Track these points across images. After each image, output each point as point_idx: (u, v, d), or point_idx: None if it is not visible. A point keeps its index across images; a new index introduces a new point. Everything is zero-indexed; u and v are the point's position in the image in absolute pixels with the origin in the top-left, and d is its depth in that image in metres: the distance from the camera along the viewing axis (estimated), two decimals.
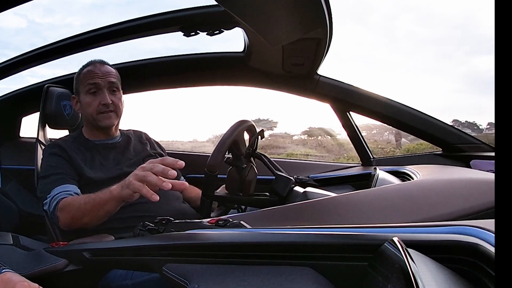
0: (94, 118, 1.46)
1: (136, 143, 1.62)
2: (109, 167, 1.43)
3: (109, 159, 1.47)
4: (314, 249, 0.63)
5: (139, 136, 1.67)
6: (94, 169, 1.40)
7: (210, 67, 2.04)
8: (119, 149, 1.53)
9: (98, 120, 1.46)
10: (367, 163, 2.01)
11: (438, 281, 0.42)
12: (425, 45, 8.35)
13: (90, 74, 1.45)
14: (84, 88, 1.46)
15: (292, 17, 1.14)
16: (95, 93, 1.45)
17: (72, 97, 1.53)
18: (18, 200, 2.18)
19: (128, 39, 1.78)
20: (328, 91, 1.91)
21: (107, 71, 1.48)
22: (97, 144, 1.50)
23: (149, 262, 0.79)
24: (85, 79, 1.45)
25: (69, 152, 1.40)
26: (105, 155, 1.48)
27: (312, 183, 1.48)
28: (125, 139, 1.59)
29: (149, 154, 1.57)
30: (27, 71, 2.03)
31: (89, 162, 1.42)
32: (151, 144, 1.68)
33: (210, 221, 0.83)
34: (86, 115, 1.50)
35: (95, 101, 1.44)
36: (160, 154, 1.65)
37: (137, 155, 1.54)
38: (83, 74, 1.48)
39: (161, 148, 1.71)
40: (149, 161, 1.02)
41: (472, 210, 0.90)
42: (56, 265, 1.03)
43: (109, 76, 1.48)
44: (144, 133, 1.72)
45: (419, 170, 1.31)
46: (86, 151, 1.45)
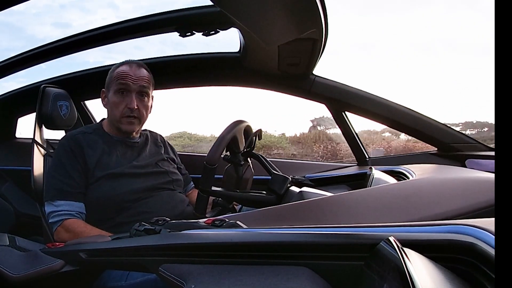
0: (117, 119, 1.47)
1: (152, 145, 1.63)
2: (123, 164, 1.44)
3: (126, 156, 1.49)
4: (310, 248, 0.63)
5: (155, 138, 1.69)
6: (109, 164, 1.41)
7: (206, 68, 2.04)
8: (136, 149, 1.55)
9: (120, 123, 1.48)
10: (363, 163, 2.02)
11: (434, 280, 0.42)
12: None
13: (122, 74, 1.45)
14: (114, 86, 1.46)
15: (288, 18, 1.14)
16: (123, 94, 1.45)
17: (102, 91, 1.53)
18: (14, 201, 2.17)
19: (124, 39, 1.77)
20: (324, 91, 1.91)
21: (140, 75, 1.47)
22: (116, 140, 1.51)
23: (145, 263, 0.79)
24: (117, 78, 1.45)
25: (85, 148, 1.41)
26: (122, 151, 1.49)
27: (308, 183, 1.48)
28: (143, 140, 1.60)
29: (163, 158, 1.59)
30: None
31: (106, 156, 1.43)
32: (165, 147, 1.70)
33: (206, 221, 0.83)
34: (109, 113, 1.51)
35: (121, 103, 1.45)
36: (173, 159, 1.68)
37: (151, 157, 1.55)
38: (116, 72, 1.47)
39: (174, 153, 1.73)
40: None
41: (468, 209, 0.90)
42: (52, 266, 1.03)
43: (142, 80, 1.47)
44: (159, 135, 1.73)
45: (414, 169, 1.31)
46: (103, 144, 1.46)
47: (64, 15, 20.85)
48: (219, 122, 8.65)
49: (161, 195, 1.45)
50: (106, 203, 1.35)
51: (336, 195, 1.06)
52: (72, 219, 1.31)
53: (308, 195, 1.18)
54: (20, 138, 2.42)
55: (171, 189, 1.51)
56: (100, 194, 1.35)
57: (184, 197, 1.56)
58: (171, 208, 1.43)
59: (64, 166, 1.37)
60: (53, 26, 17.33)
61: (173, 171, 1.59)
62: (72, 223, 1.30)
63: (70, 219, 1.31)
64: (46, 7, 18.08)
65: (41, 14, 15.23)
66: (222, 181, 1.40)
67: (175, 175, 1.58)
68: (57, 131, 1.76)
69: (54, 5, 19.52)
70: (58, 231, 1.30)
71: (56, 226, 1.31)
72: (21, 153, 2.26)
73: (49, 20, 9.21)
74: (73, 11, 16.48)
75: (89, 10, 16.55)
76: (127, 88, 1.45)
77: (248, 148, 1.40)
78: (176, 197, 1.50)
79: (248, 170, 1.45)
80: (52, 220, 1.32)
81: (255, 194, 1.30)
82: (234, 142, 1.34)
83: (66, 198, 1.33)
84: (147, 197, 1.41)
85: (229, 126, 1.31)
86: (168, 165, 1.59)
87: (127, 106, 1.44)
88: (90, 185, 1.37)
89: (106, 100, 1.51)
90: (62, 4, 17.40)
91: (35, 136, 1.62)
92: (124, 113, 1.45)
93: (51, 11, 15.58)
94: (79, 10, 20.26)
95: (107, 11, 18.16)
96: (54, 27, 17.46)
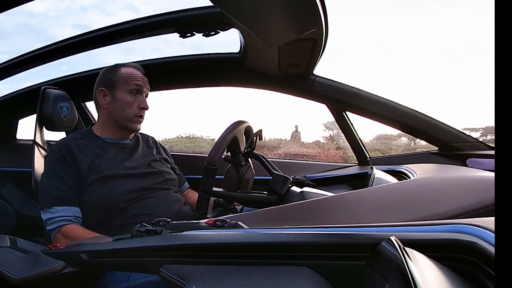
0: (128, 118, 1.50)
1: (144, 146, 1.64)
2: (115, 166, 1.44)
3: (118, 158, 1.49)
4: (312, 248, 0.63)
5: (147, 140, 1.71)
6: (101, 167, 1.41)
7: (206, 68, 2.04)
8: (128, 150, 1.55)
9: (131, 122, 1.51)
10: (364, 163, 2.02)
11: (436, 279, 0.42)
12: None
13: (135, 76, 1.50)
14: (126, 86, 1.49)
15: (288, 18, 1.14)
16: (135, 95, 1.50)
17: (101, 90, 1.52)
18: (16, 203, 2.17)
19: (124, 40, 1.77)
20: (324, 91, 1.91)
21: (145, 79, 1.55)
22: (108, 142, 1.52)
23: (146, 263, 0.79)
24: (129, 79, 1.49)
25: (76, 153, 1.40)
26: (114, 154, 1.49)
27: (309, 183, 1.48)
28: (134, 142, 1.62)
29: (155, 159, 1.60)
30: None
31: (98, 159, 1.43)
32: (157, 148, 1.71)
33: (207, 222, 0.83)
34: (117, 112, 1.51)
35: (135, 103, 1.50)
36: (166, 159, 1.69)
37: (143, 158, 1.56)
38: (125, 72, 1.50)
39: (166, 153, 1.75)
40: None
41: (469, 208, 0.90)
42: (53, 267, 1.03)
43: (147, 83, 1.54)
44: (151, 137, 1.75)
45: (415, 169, 1.32)
46: (96, 148, 1.46)
47: (85, 17, 20.90)
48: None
49: (156, 195, 1.46)
50: (101, 206, 1.35)
51: (337, 195, 1.06)
52: (70, 225, 1.31)
53: (309, 195, 1.18)
54: (20, 139, 2.43)
55: (166, 189, 1.51)
56: (95, 198, 1.35)
57: (180, 196, 1.57)
58: (167, 207, 1.44)
59: (56, 172, 1.36)
60: (74, 28, 17.35)
61: (167, 171, 1.60)
62: (70, 229, 1.30)
63: (68, 225, 1.31)
64: (67, 9, 18.16)
65: (62, 16, 15.27)
66: (223, 182, 1.40)
67: (169, 175, 1.58)
68: (57, 132, 1.77)
69: (75, 7, 19.59)
70: (57, 238, 1.30)
71: (55, 233, 1.31)
72: (22, 154, 2.26)
73: (70, 22, 9.20)
74: (94, 13, 16.45)
75: (109, 12, 16.52)
76: (140, 89, 1.51)
77: (249, 148, 1.40)
78: (171, 196, 1.50)
79: (249, 171, 1.45)
80: (50, 227, 1.31)
81: (256, 194, 1.29)
82: (234, 143, 1.34)
83: (62, 203, 1.33)
84: (142, 198, 1.41)
85: (229, 127, 1.31)
86: (161, 165, 1.60)
87: (140, 106, 1.51)
88: (84, 189, 1.37)
89: (107, 99, 1.51)
90: (83, 6, 17.42)
91: (35, 138, 1.62)
92: (136, 112, 1.50)
93: (71, 13, 15.60)
94: (100, 12, 20.27)
95: (126, 13, 18.17)
96: (75, 29, 17.49)
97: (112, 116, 1.52)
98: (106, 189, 1.37)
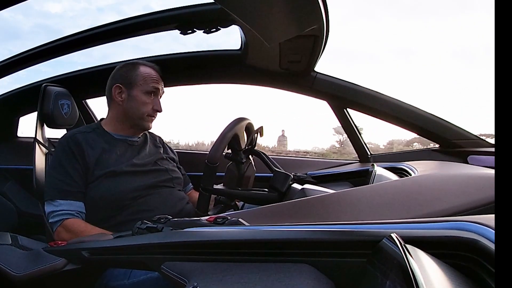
0: (141, 117, 1.52)
1: (151, 145, 1.65)
2: (122, 162, 1.44)
3: (126, 155, 1.49)
4: (313, 245, 0.63)
5: (154, 139, 1.72)
6: (108, 162, 1.42)
7: (207, 65, 2.04)
8: (136, 148, 1.56)
9: (144, 120, 1.53)
10: (365, 160, 2.02)
11: (437, 276, 0.42)
12: None
13: (153, 77, 1.53)
14: (144, 87, 1.50)
15: (289, 15, 1.13)
16: (151, 96, 1.52)
17: (117, 86, 1.52)
18: (17, 200, 2.17)
19: (125, 37, 1.77)
20: (325, 88, 1.91)
21: (161, 80, 1.56)
22: (117, 138, 1.53)
23: (147, 261, 0.79)
24: (149, 80, 1.51)
25: (84, 147, 1.41)
26: (122, 150, 1.50)
27: (310, 180, 1.48)
28: (143, 140, 1.63)
29: (162, 157, 1.61)
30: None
31: (106, 154, 1.44)
32: (165, 148, 1.72)
33: (208, 219, 0.83)
34: (131, 110, 1.52)
35: (150, 103, 1.52)
36: (172, 158, 1.70)
37: (151, 156, 1.57)
38: (144, 72, 1.52)
39: (173, 153, 1.76)
40: None
41: (470, 205, 0.89)
42: (55, 264, 1.03)
43: (163, 84, 1.57)
44: (159, 137, 1.76)
45: (416, 166, 1.31)
46: (104, 143, 1.47)
47: (101, 18, 20.83)
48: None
49: (161, 192, 1.46)
50: (106, 202, 1.35)
51: (338, 192, 1.06)
52: (72, 218, 1.32)
53: (310, 192, 1.18)
54: (21, 137, 2.43)
55: (170, 187, 1.52)
56: (100, 193, 1.36)
57: (184, 195, 1.57)
58: (170, 205, 1.44)
59: (63, 166, 1.37)
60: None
61: (173, 169, 1.61)
62: (72, 223, 1.30)
63: (70, 218, 1.31)
64: (83, 10, 18.10)
65: (78, 17, 15.24)
66: (224, 179, 1.40)
67: (174, 173, 1.59)
68: (58, 129, 1.76)
69: (92, 8, 19.51)
70: (59, 231, 1.31)
71: (56, 226, 1.31)
72: (23, 152, 2.26)
73: (86, 23, 9.19)
74: (110, 14, 16.41)
75: (126, 13, 16.46)
76: (157, 92, 1.53)
77: (250, 145, 1.40)
78: (175, 194, 1.51)
79: (249, 168, 1.45)
80: (52, 220, 1.32)
81: (257, 191, 1.29)
82: (235, 140, 1.34)
83: (66, 197, 1.33)
84: (147, 195, 1.42)
85: (230, 124, 1.30)
86: (167, 163, 1.61)
87: (154, 108, 1.53)
88: (90, 184, 1.37)
89: (123, 96, 1.52)
90: (99, 7, 17.37)
91: (36, 135, 1.62)
92: (150, 113, 1.53)
93: (87, 13, 15.54)
94: (116, 13, 20.16)
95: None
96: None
97: (125, 113, 1.53)
98: (112, 184, 1.37)
